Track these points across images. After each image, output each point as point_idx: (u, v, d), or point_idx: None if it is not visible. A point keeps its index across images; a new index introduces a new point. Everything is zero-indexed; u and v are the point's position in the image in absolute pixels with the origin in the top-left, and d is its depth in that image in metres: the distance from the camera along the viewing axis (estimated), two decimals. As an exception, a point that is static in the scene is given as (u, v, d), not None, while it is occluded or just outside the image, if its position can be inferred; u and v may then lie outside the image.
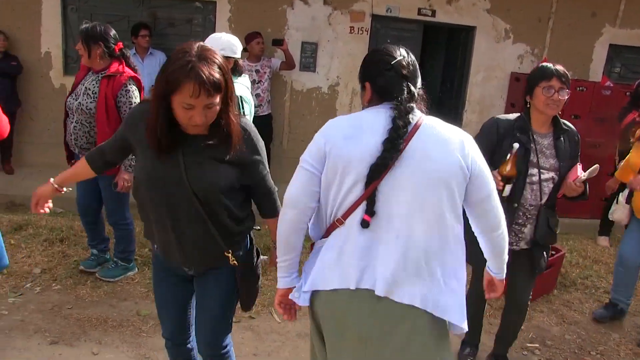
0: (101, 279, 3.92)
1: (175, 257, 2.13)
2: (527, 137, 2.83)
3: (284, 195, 1.92)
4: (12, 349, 3.09)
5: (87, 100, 3.54)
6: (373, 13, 6.58)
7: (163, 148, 1.93)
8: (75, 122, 3.62)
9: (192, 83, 1.77)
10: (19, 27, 6.40)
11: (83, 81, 3.64)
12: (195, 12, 6.53)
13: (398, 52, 1.90)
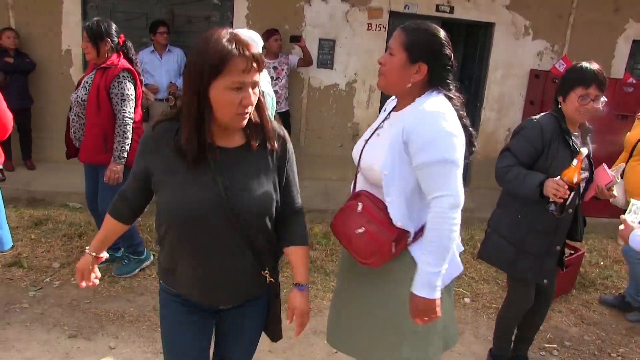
0: (118, 276, 3.95)
1: (210, 294, 1.82)
2: (571, 140, 2.71)
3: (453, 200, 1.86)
4: (33, 341, 3.14)
5: (82, 92, 3.63)
6: (391, 10, 6.54)
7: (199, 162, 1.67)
8: (74, 115, 3.71)
9: (242, 57, 1.63)
10: (40, 26, 6.48)
11: (87, 77, 3.71)
12: (213, 9, 6.55)
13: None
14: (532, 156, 2.73)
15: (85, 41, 3.57)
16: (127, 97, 3.62)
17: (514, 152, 2.76)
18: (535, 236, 2.82)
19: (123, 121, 3.62)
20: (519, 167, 2.70)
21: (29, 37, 6.49)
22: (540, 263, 2.86)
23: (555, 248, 2.88)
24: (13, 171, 6.33)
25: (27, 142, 6.52)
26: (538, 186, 2.57)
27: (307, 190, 6.14)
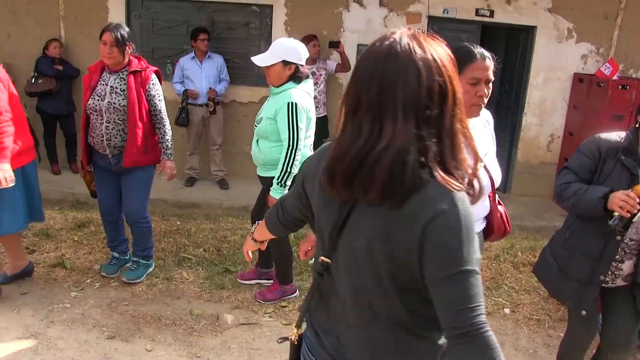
0: (128, 282, 3.93)
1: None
2: (633, 161, 2.47)
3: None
4: (74, 341, 3.23)
5: (117, 98, 3.62)
6: (429, 14, 6.49)
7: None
8: (107, 122, 3.66)
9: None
10: (87, 35, 6.68)
11: (103, 81, 3.67)
12: (252, 16, 6.62)
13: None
14: (591, 171, 2.57)
15: (112, 46, 3.54)
16: (163, 97, 3.82)
17: (571, 168, 2.62)
18: (578, 259, 2.64)
19: (164, 120, 3.82)
20: (578, 184, 2.56)
21: (76, 46, 6.71)
22: (582, 291, 2.66)
23: (598, 277, 2.62)
24: (59, 174, 6.54)
25: (71, 147, 6.73)
26: (602, 197, 2.40)
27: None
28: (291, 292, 3.88)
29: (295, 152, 3.35)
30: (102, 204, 3.93)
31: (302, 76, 3.43)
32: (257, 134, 3.53)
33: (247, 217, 5.51)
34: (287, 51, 3.34)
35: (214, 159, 6.42)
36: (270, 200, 3.46)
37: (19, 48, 6.77)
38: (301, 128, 3.35)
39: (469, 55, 2.09)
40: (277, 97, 3.41)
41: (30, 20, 6.70)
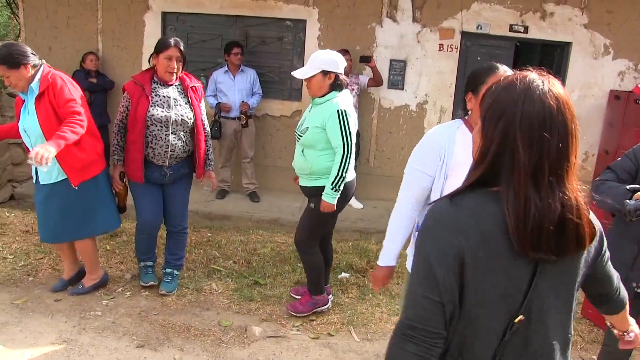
0: (167, 294, 3.96)
1: None
2: None
3: None
4: (105, 348, 3.26)
5: (184, 110, 3.73)
6: (463, 30, 6.45)
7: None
8: (173, 134, 3.70)
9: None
10: (123, 48, 6.85)
11: (161, 93, 3.70)
12: (286, 31, 6.68)
13: None
14: (631, 173, 2.59)
15: (177, 61, 3.65)
16: None
17: (612, 167, 2.68)
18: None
19: (208, 132, 4.00)
20: (614, 182, 2.59)
21: (112, 58, 6.88)
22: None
23: (631, 284, 2.58)
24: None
25: (106, 157, 6.83)
26: (630, 190, 2.40)
27: (376, 211, 6.12)
28: (323, 303, 3.86)
29: (350, 156, 3.42)
30: (147, 217, 3.88)
31: (342, 84, 3.50)
32: (302, 144, 3.56)
33: (278, 230, 5.54)
34: (325, 61, 3.42)
35: (245, 171, 6.46)
36: (323, 204, 3.50)
37: (58, 61, 6.94)
38: (352, 133, 3.42)
39: (491, 69, 2.24)
40: (322, 107, 3.47)
41: (69, 34, 6.89)
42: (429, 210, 1.36)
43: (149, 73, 3.73)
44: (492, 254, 1.26)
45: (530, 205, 1.23)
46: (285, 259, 4.67)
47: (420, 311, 1.28)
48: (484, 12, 6.35)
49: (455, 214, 1.29)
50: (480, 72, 2.27)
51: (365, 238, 5.45)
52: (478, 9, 6.36)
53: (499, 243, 1.26)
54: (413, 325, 1.28)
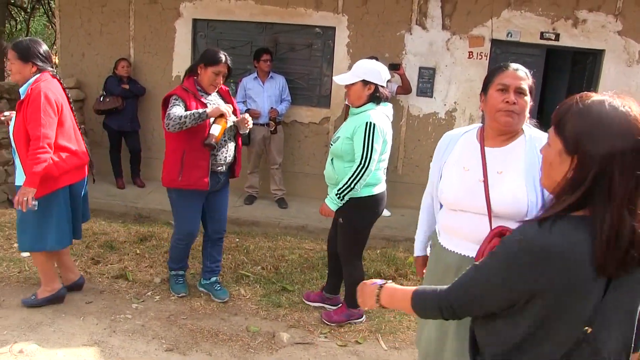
0: (222, 301, 3.98)
1: None
2: None
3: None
4: (134, 351, 3.29)
5: (232, 117, 3.74)
6: (493, 38, 6.40)
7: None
8: (228, 140, 3.78)
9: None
10: (154, 54, 6.95)
11: (213, 100, 3.74)
12: (315, 38, 6.71)
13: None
14: None
15: (224, 77, 3.71)
16: None
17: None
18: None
19: None
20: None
21: (143, 65, 6.99)
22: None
23: None
24: (123, 189, 6.74)
25: (136, 162, 6.96)
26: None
27: (404, 219, 6.09)
28: (357, 317, 3.83)
29: (365, 171, 3.34)
30: (189, 226, 3.85)
31: (382, 97, 3.45)
32: (332, 152, 3.55)
33: (305, 236, 5.54)
34: (367, 71, 3.38)
35: (273, 178, 6.49)
36: (322, 207, 3.51)
37: (91, 67, 7.10)
38: (376, 149, 3.34)
39: (500, 67, 2.22)
40: (356, 117, 3.44)
41: (103, 40, 7.02)
42: (515, 234, 1.37)
43: (192, 80, 3.72)
44: (578, 278, 1.29)
45: (624, 228, 1.26)
46: (313, 266, 4.67)
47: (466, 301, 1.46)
48: (515, 19, 6.29)
49: (547, 241, 1.30)
50: (490, 72, 2.25)
51: (393, 246, 5.43)
52: (508, 16, 6.30)
53: (586, 267, 1.28)
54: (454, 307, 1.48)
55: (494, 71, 2.22)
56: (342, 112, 6.59)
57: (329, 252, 3.99)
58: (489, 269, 1.41)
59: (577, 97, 1.37)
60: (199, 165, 3.65)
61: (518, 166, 2.16)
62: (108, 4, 6.96)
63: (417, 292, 1.60)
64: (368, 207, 3.51)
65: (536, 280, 1.30)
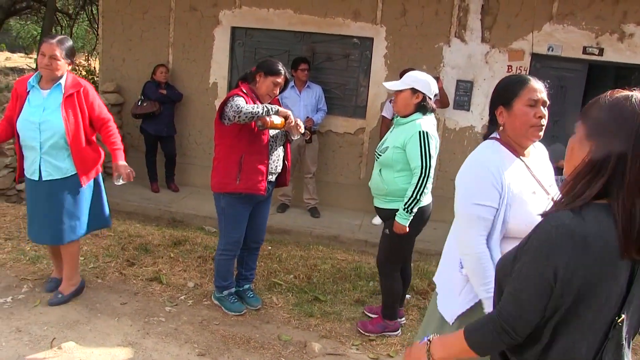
0: (254, 308, 3.98)
1: None
2: None
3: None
4: (167, 354, 3.30)
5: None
6: (533, 52, 6.33)
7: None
8: (281, 146, 3.81)
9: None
10: (192, 61, 7.05)
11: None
12: (353, 48, 6.72)
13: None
14: None
15: (283, 82, 3.68)
16: None
17: None
18: None
19: None
20: None
21: (181, 71, 7.09)
22: None
23: None
24: (158, 193, 6.83)
25: (171, 167, 7.04)
26: None
27: (436, 232, 6.01)
28: (393, 329, 3.79)
29: (427, 180, 3.36)
30: (238, 235, 3.79)
31: (428, 107, 3.46)
32: (381, 163, 3.54)
33: (337, 247, 5.53)
34: (416, 80, 3.42)
35: (307, 187, 6.49)
36: (396, 225, 3.46)
37: (131, 72, 7.22)
38: (432, 156, 3.36)
39: (522, 80, 2.19)
40: (404, 127, 3.44)
41: (142, 46, 7.15)
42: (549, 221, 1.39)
43: (248, 87, 3.68)
44: (605, 261, 1.34)
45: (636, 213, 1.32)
46: (345, 277, 4.64)
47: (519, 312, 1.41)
48: (556, 33, 6.21)
49: (583, 227, 1.34)
50: (511, 85, 2.21)
51: (425, 259, 5.37)
52: (550, 30, 6.22)
53: (612, 250, 1.33)
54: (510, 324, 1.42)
55: (515, 85, 2.19)
56: (378, 124, 6.57)
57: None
58: (529, 266, 1.40)
59: (609, 92, 1.46)
60: (258, 169, 3.62)
61: (550, 173, 2.21)
62: (149, 11, 7.09)
63: (469, 328, 1.54)
64: (413, 219, 3.49)
65: (576, 266, 1.33)
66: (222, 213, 3.76)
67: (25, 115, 3.48)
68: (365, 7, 6.52)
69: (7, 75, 19.51)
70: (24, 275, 4.06)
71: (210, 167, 3.81)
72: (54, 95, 3.50)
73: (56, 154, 3.52)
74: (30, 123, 3.46)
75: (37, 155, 3.50)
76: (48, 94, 3.51)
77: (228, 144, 3.62)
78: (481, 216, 2.11)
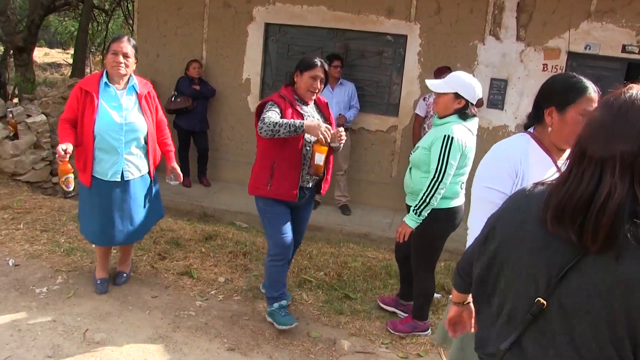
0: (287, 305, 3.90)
1: None
2: None
3: None
4: (197, 348, 3.33)
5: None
6: (569, 50, 6.19)
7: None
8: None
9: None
10: (226, 57, 7.08)
11: (309, 112, 3.53)
12: (386, 45, 6.67)
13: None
14: None
15: (321, 83, 3.50)
16: None
17: None
18: None
19: None
20: None
21: (214, 66, 7.14)
22: None
23: None
24: (190, 187, 6.89)
25: (203, 162, 7.10)
26: None
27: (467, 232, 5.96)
28: (422, 329, 3.76)
29: (439, 185, 3.27)
30: (286, 240, 3.56)
31: (469, 114, 3.36)
32: (411, 162, 3.51)
33: (368, 244, 5.50)
34: (462, 84, 3.29)
35: (338, 184, 6.48)
36: (402, 225, 3.42)
37: (165, 68, 7.30)
38: (451, 164, 3.25)
39: (581, 87, 2.07)
40: (437, 129, 3.37)
41: (177, 42, 7.22)
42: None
43: (290, 89, 3.53)
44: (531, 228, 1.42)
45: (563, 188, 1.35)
46: (375, 275, 4.62)
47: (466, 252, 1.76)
48: (594, 31, 6.06)
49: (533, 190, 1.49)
50: (570, 90, 2.09)
51: (456, 259, 5.27)
52: (588, 28, 6.08)
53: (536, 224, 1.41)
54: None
55: (574, 91, 2.07)
56: (411, 122, 6.52)
57: (398, 259, 3.95)
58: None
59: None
60: (290, 176, 3.46)
61: None
62: (184, 7, 7.15)
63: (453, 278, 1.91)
64: (444, 219, 3.44)
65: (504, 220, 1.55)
66: (264, 216, 3.62)
67: (105, 116, 3.43)
68: (399, 4, 6.47)
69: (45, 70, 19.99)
70: (58, 266, 4.14)
71: (241, 162, 3.83)
72: (130, 95, 3.55)
73: (136, 154, 3.61)
74: (113, 124, 3.45)
75: (119, 157, 3.52)
76: (124, 94, 3.53)
77: (263, 147, 3.54)
78: (489, 199, 2.12)
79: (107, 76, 3.51)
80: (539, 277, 1.40)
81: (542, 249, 1.39)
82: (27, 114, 6.12)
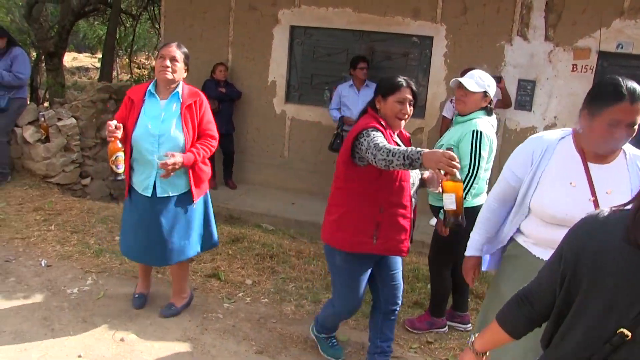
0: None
1: None
2: None
3: None
4: (225, 350, 3.34)
5: None
6: (600, 49, 6.07)
7: None
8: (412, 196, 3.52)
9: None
10: (251, 59, 7.12)
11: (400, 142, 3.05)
12: (412, 47, 6.63)
13: None
14: None
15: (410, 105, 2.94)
16: None
17: None
18: None
19: None
20: None
21: (240, 69, 7.17)
22: None
23: None
24: (215, 189, 6.93)
25: (229, 164, 7.14)
26: None
27: (493, 235, 5.89)
28: (440, 326, 3.80)
29: (475, 180, 3.29)
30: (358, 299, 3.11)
31: (491, 110, 3.48)
32: None
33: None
34: (490, 84, 3.39)
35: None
36: (438, 222, 3.46)
37: (191, 71, 7.20)
38: (483, 157, 3.30)
39: (617, 95, 1.94)
40: (462, 125, 3.41)
41: (202, 45, 7.27)
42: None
43: (375, 116, 2.90)
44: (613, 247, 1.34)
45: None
46: (404, 278, 4.57)
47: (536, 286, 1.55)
48: (627, 29, 5.94)
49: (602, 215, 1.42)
50: (602, 96, 1.99)
51: (484, 262, 5.24)
52: (620, 26, 5.96)
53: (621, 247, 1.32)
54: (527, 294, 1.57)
55: (608, 97, 1.97)
56: (437, 123, 6.48)
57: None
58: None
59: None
60: (401, 225, 2.89)
61: (625, 186, 2.12)
62: (209, 11, 7.20)
63: (498, 313, 1.66)
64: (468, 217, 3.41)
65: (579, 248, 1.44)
66: (336, 271, 3.08)
67: (142, 126, 3.24)
68: (425, 5, 6.42)
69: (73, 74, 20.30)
70: (88, 267, 4.20)
71: (267, 164, 3.77)
72: (172, 105, 3.29)
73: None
74: (149, 135, 3.23)
75: (153, 170, 3.28)
76: (166, 104, 3.29)
77: (359, 191, 2.86)
78: (506, 178, 2.43)
79: (155, 85, 3.34)
80: (622, 305, 1.30)
81: (631, 272, 1.29)
82: (58, 117, 6.22)
